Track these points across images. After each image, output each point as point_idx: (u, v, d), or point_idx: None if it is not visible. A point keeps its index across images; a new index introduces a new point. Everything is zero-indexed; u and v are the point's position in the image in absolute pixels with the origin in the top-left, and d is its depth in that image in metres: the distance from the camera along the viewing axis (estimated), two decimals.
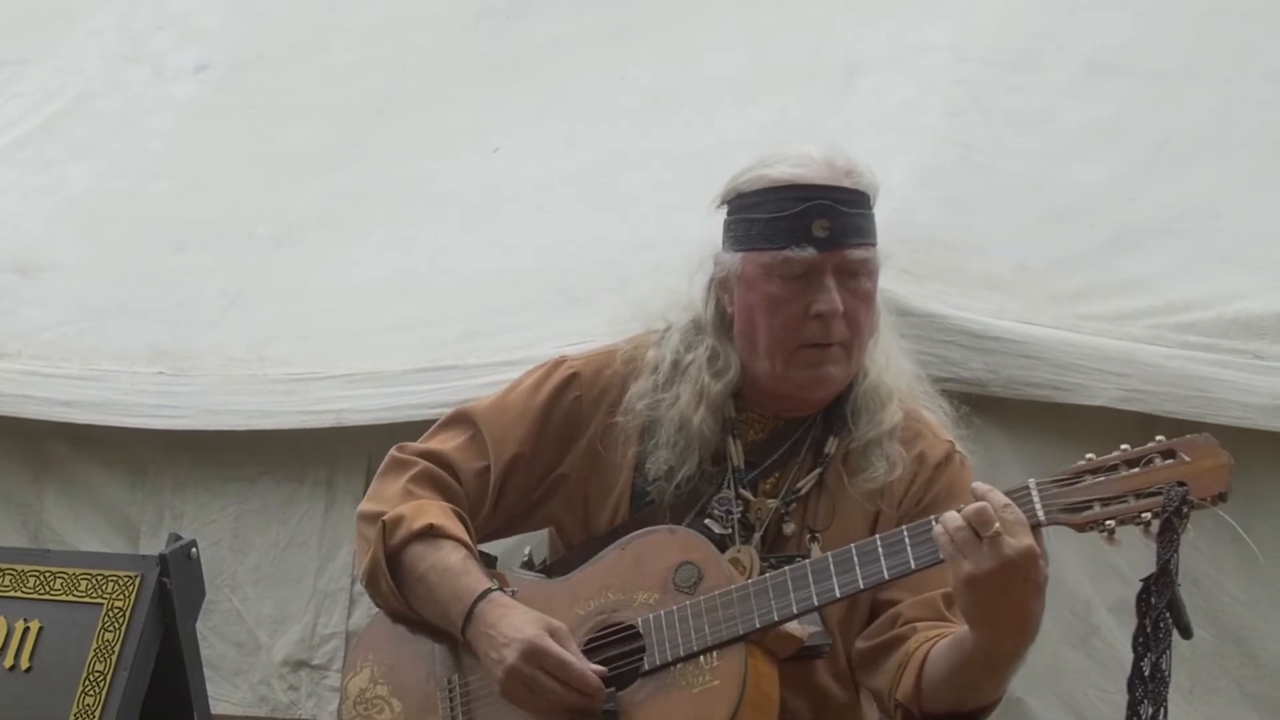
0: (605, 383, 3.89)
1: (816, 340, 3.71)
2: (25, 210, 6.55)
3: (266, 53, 6.97)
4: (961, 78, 5.66)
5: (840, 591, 3.55)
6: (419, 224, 6.01)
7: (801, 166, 3.73)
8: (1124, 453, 3.43)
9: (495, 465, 3.88)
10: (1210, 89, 5.62)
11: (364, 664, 3.91)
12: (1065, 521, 3.42)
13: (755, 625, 3.56)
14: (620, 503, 3.83)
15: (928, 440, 3.83)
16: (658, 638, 3.62)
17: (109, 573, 4.18)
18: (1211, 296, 4.94)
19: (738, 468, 3.79)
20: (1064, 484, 3.43)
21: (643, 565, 3.69)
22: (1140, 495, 3.39)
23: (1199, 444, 3.42)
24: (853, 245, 3.71)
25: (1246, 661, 4.78)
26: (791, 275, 3.70)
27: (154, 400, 5.62)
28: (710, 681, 3.57)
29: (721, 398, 3.78)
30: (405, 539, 3.79)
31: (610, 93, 6.17)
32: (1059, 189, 5.35)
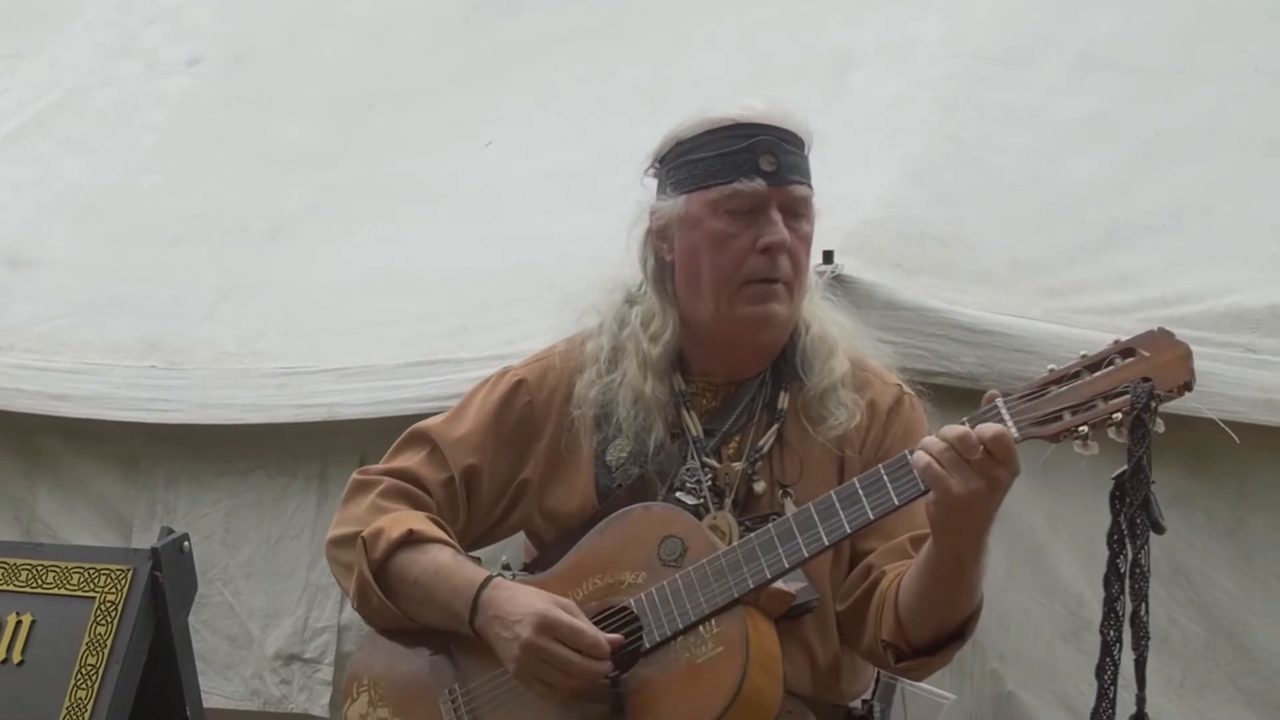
0: (552, 383, 3.92)
1: (763, 275, 3.75)
2: (17, 204, 6.55)
3: (259, 47, 6.97)
4: (953, 73, 5.66)
5: (828, 538, 3.57)
6: (411, 219, 6.01)
7: (744, 109, 3.79)
8: (1084, 359, 3.45)
9: (457, 476, 3.90)
10: (1202, 84, 5.62)
11: (359, 689, 3.91)
12: (1038, 434, 3.44)
13: (749, 586, 3.58)
14: (587, 497, 3.84)
15: (876, 387, 3.87)
16: (654, 615, 3.63)
17: (101, 566, 4.17)
18: (1204, 290, 4.94)
19: (698, 438, 3.81)
20: (1031, 397, 3.45)
21: (625, 546, 3.71)
22: (1108, 397, 3.40)
23: (1156, 338, 3.44)
24: (796, 182, 3.79)
25: (1239, 656, 4.78)
26: (739, 209, 3.75)
27: (146, 394, 5.62)
28: (714, 649, 3.58)
29: (663, 361, 3.81)
30: (388, 550, 3.80)
31: (602, 89, 6.17)
32: (1051, 184, 5.35)
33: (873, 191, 5.27)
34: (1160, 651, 4.79)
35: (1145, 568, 3.42)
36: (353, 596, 3.88)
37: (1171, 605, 4.81)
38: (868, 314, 4.81)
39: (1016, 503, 4.72)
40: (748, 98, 3.83)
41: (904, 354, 4.75)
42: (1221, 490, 4.82)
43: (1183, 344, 3.43)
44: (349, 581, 3.87)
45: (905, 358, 4.76)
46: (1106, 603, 3.45)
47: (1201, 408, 4.72)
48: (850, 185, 5.33)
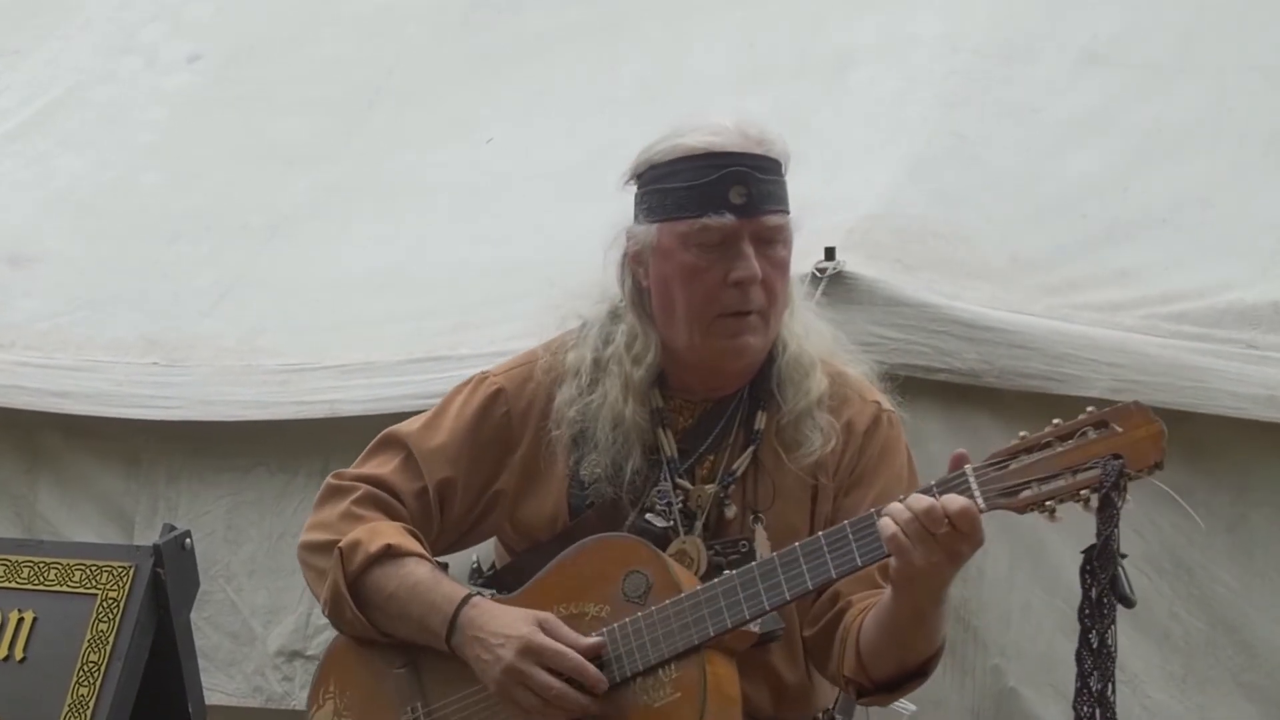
0: (530, 395, 3.88)
1: (735, 308, 3.71)
2: (18, 201, 6.54)
3: (259, 44, 6.97)
4: (953, 69, 5.66)
5: (789, 592, 3.55)
6: (411, 216, 6.01)
7: (716, 135, 3.73)
8: (1056, 428, 3.41)
9: (431, 487, 3.87)
10: (1202, 80, 5.62)
11: (326, 696, 3.89)
12: (1005, 506, 3.41)
13: (709, 634, 3.57)
14: (559, 512, 3.82)
15: (854, 405, 3.83)
16: (614, 652, 3.62)
17: (103, 563, 4.17)
18: (1204, 286, 4.94)
19: (672, 458, 3.79)
20: (999, 466, 3.42)
21: (589, 577, 3.69)
22: (1076, 471, 3.38)
23: (1130, 413, 3.40)
24: (769, 212, 3.72)
25: (1240, 651, 4.78)
26: (709, 243, 3.69)
27: (147, 391, 5.62)
28: (672, 694, 3.57)
29: (646, 384, 3.78)
30: (365, 563, 3.78)
31: (601, 86, 6.17)
32: (1051, 180, 5.35)
33: (873, 188, 5.28)
34: (1162, 647, 4.80)
35: (1112, 647, 3.42)
36: (325, 604, 3.86)
37: (1173, 600, 4.81)
38: (869, 310, 4.82)
39: None
40: (721, 119, 3.77)
41: (905, 350, 4.76)
42: (1222, 486, 4.82)
43: (1157, 422, 3.39)
44: (321, 588, 3.85)
45: (906, 354, 4.77)
46: (1079, 678, 3.44)
47: (1203, 404, 4.75)
48: (851, 182, 5.35)
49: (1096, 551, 3.38)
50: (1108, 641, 3.39)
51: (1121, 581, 3.39)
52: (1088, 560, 3.39)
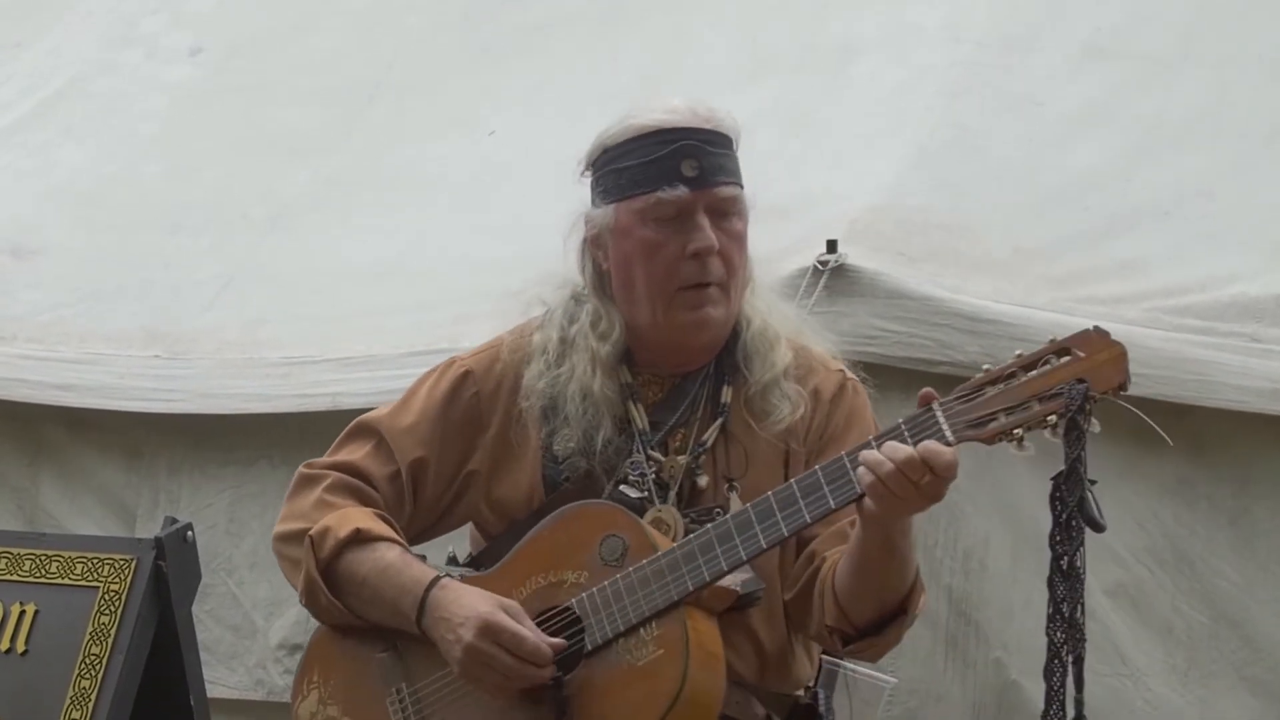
0: (499, 375, 3.90)
1: (695, 280, 3.74)
2: (19, 193, 6.54)
3: (259, 36, 6.96)
4: (956, 60, 5.66)
5: (766, 541, 3.57)
6: (412, 207, 6.01)
7: (667, 113, 3.78)
8: (1019, 359, 3.44)
9: (403, 468, 3.89)
10: (1205, 72, 5.61)
11: (310, 686, 3.89)
12: (973, 437, 3.43)
13: (689, 588, 3.58)
14: (534, 488, 3.83)
15: (819, 374, 3.86)
16: (595, 617, 3.63)
17: (105, 556, 4.16)
18: (1208, 279, 4.94)
19: (643, 430, 3.81)
20: (966, 399, 3.45)
21: (567, 545, 3.70)
22: (1042, 399, 3.39)
23: (1091, 338, 3.42)
24: (721, 183, 3.76)
25: (1243, 645, 4.79)
26: (665, 217, 3.74)
27: (149, 384, 5.62)
28: (655, 651, 3.58)
29: (613, 359, 3.81)
30: (336, 549, 3.79)
31: (602, 78, 6.16)
32: (1054, 171, 5.35)
33: (875, 180, 5.27)
34: (1165, 640, 4.80)
35: (1081, 570, 3.41)
36: (301, 594, 3.88)
37: (1176, 594, 4.81)
38: (871, 303, 4.82)
39: (1020, 492, 4.73)
40: (671, 99, 3.82)
41: (907, 343, 4.76)
42: (1225, 479, 4.82)
43: (1118, 344, 3.41)
44: (296, 578, 3.87)
45: (908, 347, 4.77)
46: (1051, 603, 3.43)
47: (1206, 397, 4.74)
48: (853, 173, 5.35)
49: (1064, 475, 3.38)
50: (1077, 564, 3.39)
51: (1090, 505, 3.40)
52: (1056, 487, 3.40)
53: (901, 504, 3.46)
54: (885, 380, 4.81)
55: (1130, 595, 4.82)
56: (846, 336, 4.82)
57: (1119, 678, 4.81)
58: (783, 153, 5.58)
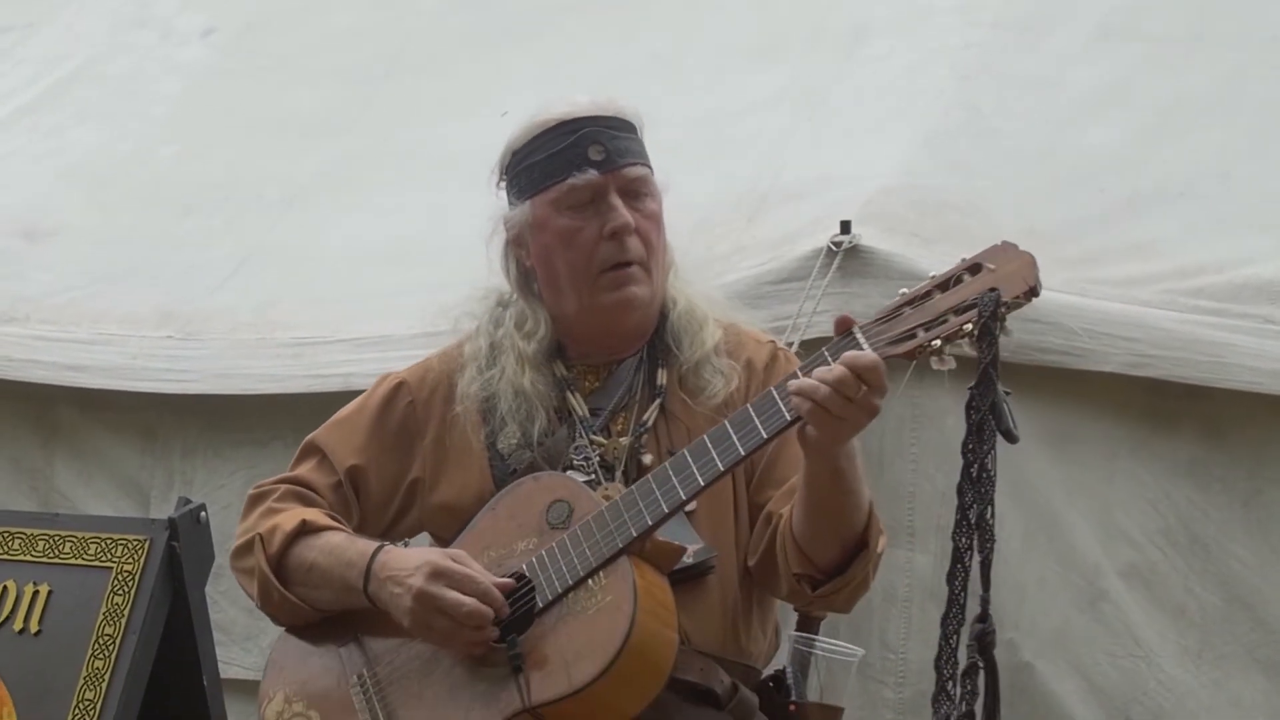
0: (433, 383, 3.98)
1: (615, 260, 3.82)
2: (33, 175, 6.54)
3: (273, 16, 6.96)
4: (969, 41, 5.65)
5: (702, 478, 3.61)
6: (425, 187, 6.00)
7: (568, 105, 3.87)
8: (933, 279, 3.54)
9: (342, 475, 3.95)
10: (1220, 52, 5.60)
11: (275, 689, 3.92)
12: (894, 353, 3.51)
13: (632, 534, 3.62)
14: (483, 481, 3.87)
15: (750, 347, 3.93)
16: (544, 576, 3.67)
17: (118, 537, 4.17)
18: (1222, 261, 4.93)
19: (584, 418, 3.86)
20: (885, 321, 3.54)
21: (515, 517, 3.75)
22: (958, 311, 3.48)
23: (1001, 250, 3.55)
24: (629, 164, 3.85)
25: (1256, 627, 4.78)
26: (579, 203, 3.82)
27: (163, 364, 5.62)
28: (604, 599, 3.61)
29: (540, 356, 3.87)
30: (285, 542, 3.85)
31: (616, 56, 6.15)
32: (1068, 152, 5.34)
33: (889, 161, 5.27)
34: (1177, 622, 4.80)
35: (991, 472, 3.47)
36: (256, 598, 3.93)
37: (1189, 575, 4.81)
38: (884, 284, 4.80)
39: (1033, 472, 4.73)
40: (572, 95, 3.91)
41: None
42: (1239, 461, 4.81)
43: (1026, 254, 3.52)
44: (252, 586, 3.93)
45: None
46: (959, 510, 3.48)
47: (1220, 379, 4.73)
48: (866, 154, 5.34)
49: (976, 380, 3.46)
50: (988, 467, 3.45)
51: (1004, 414, 3.46)
52: (972, 395, 3.47)
53: (841, 423, 3.49)
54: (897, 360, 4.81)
55: (1143, 577, 4.81)
56: (860, 317, 4.82)
57: (1132, 659, 4.80)
58: (796, 134, 5.58)
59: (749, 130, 5.67)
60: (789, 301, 4.86)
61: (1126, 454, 4.77)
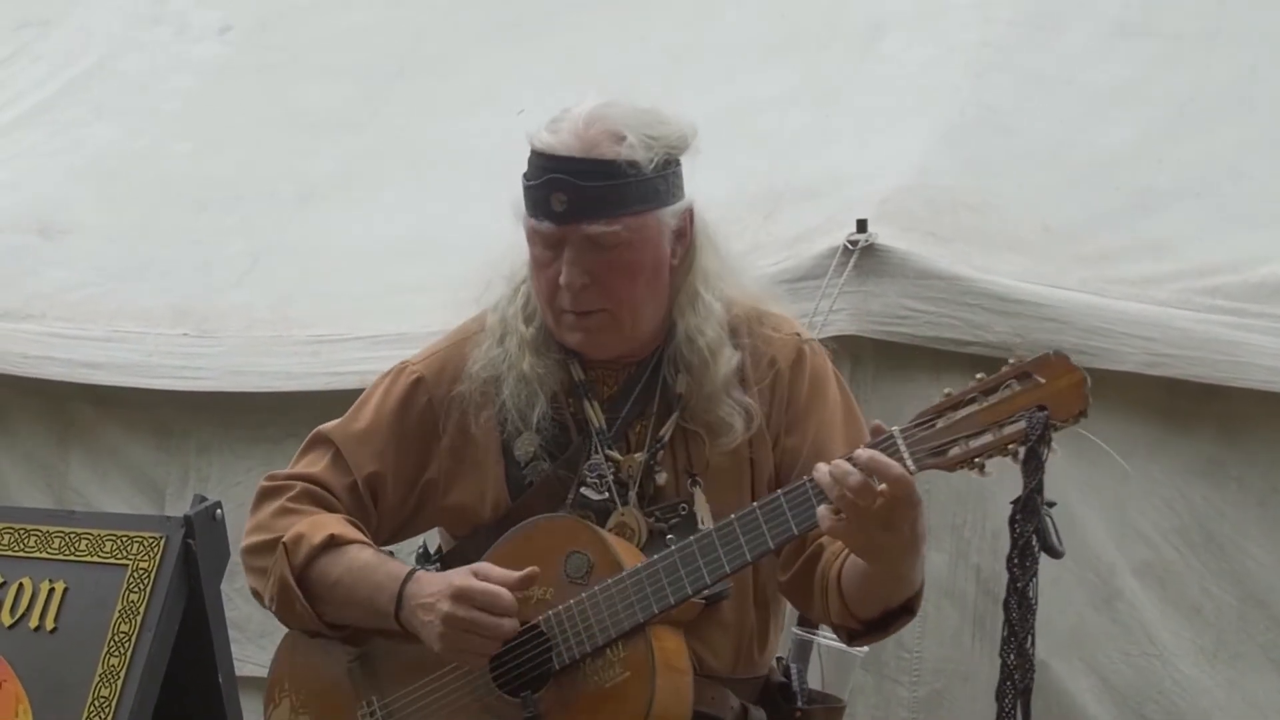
0: (451, 377, 3.86)
1: (565, 307, 3.69)
2: (47, 171, 6.54)
3: (287, 13, 6.96)
4: (985, 38, 5.65)
5: (730, 567, 3.56)
6: (440, 184, 6.00)
7: (555, 134, 3.68)
8: (980, 383, 3.41)
9: (360, 481, 3.87)
10: (1235, 49, 5.60)
11: (281, 695, 3.90)
12: (934, 465, 3.40)
13: (654, 611, 3.58)
14: (499, 489, 3.82)
15: (775, 344, 3.79)
16: (561, 635, 3.63)
17: (134, 534, 4.15)
18: (1238, 260, 4.92)
19: (600, 429, 3.77)
20: (925, 426, 3.41)
21: (531, 560, 3.67)
22: (1002, 425, 3.36)
23: (1052, 362, 3.38)
24: (591, 220, 3.63)
25: (1271, 626, 4.78)
26: (542, 244, 3.69)
27: (178, 361, 5.62)
28: (621, 674, 3.59)
29: (538, 339, 3.76)
30: (310, 555, 3.78)
31: (631, 52, 6.15)
32: (1083, 150, 5.33)
33: (905, 159, 5.26)
34: (1193, 621, 4.80)
35: (1033, 600, 3.41)
36: (271, 601, 3.86)
37: (1204, 575, 4.80)
38: (900, 283, 4.81)
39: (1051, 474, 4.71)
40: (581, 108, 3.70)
41: (936, 323, 4.76)
42: (1255, 460, 4.81)
43: (1078, 370, 3.37)
44: (264, 586, 3.86)
45: (938, 327, 4.77)
46: (1006, 625, 3.43)
47: (1236, 378, 4.73)
48: (882, 152, 5.34)
49: (1021, 504, 3.38)
50: (1029, 595, 3.40)
51: (1049, 533, 3.40)
52: (1015, 511, 3.39)
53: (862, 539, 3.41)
54: (914, 360, 4.82)
55: (1158, 576, 4.81)
56: (876, 316, 4.83)
57: (1147, 658, 4.80)
58: (811, 131, 5.58)
59: (764, 127, 5.66)
60: (805, 300, 4.85)
61: (1142, 453, 4.76)
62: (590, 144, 3.64)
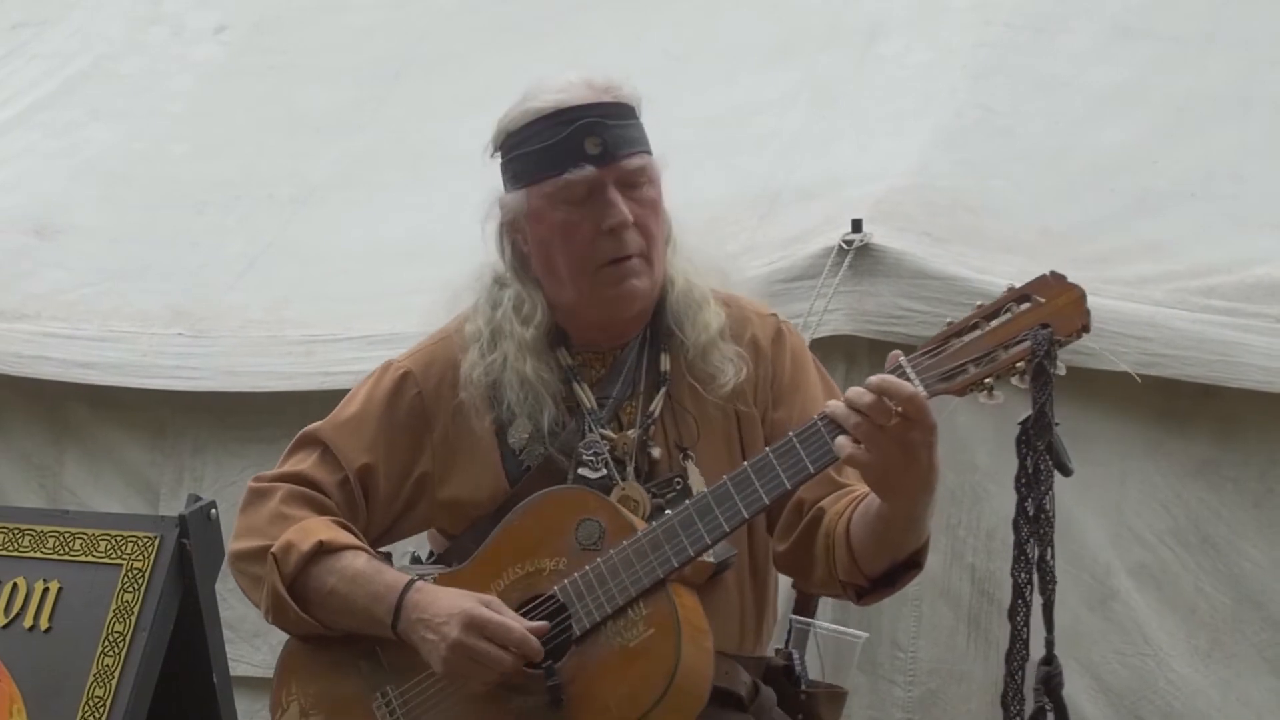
0: (439, 371, 3.87)
1: (614, 255, 3.73)
2: (45, 172, 6.54)
3: (285, 14, 6.96)
4: (983, 40, 5.65)
5: (746, 511, 3.56)
6: (438, 185, 6.00)
7: (562, 92, 3.75)
8: (980, 308, 3.46)
9: (351, 475, 3.86)
10: (1232, 51, 5.60)
11: (289, 699, 3.86)
12: (944, 390, 3.44)
13: (674, 565, 3.57)
14: (496, 478, 3.81)
15: (754, 323, 3.86)
16: (580, 602, 3.62)
17: (128, 534, 4.16)
18: (1234, 260, 4.92)
19: (592, 409, 3.79)
20: (933, 354, 3.46)
21: (541, 532, 3.68)
22: (1008, 346, 3.40)
23: (1049, 283, 3.43)
24: (627, 155, 3.73)
25: (1266, 626, 4.77)
26: (576, 198, 3.72)
27: (173, 362, 5.62)
28: (646, 631, 3.57)
29: (540, 342, 3.79)
30: (300, 564, 3.76)
31: (631, 55, 6.15)
32: (1080, 152, 5.33)
33: (902, 159, 5.27)
34: (1188, 621, 4.79)
35: (1050, 513, 3.43)
36: (266, 610, 3.84)
37: (1199, 575, 4.80)
38: (896, 283, 4.81)
39: None
40: (566, 75, 3.79)
41: (932, 323, 4.73)
42: (1250, 460, 4.81)
43: (1076, 286, 3.43)
44: (258, 594, 3.84)
45: (933, 327, 4.72)
46: (1016, 546, 3.44)
47: (1232, 378, 4.73)
48: (879, 153, 5.34)
49: (1032, 420, 3.39)
50: (1046, 507, 3.41)
51: (1058, 449, 3.41)
52: (1024, 431, 3.41)
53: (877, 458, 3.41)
54: None
55: (1154, 576, 4.81)
56: (871, 316, 4.83)
57: (1142, 658, 4.80)
58: (808, 132, 5.58)
59: (762, 128, 5.66)
60: (800, 300, 4.85)
61: (1138, 454, 4.76)
62: (604, 88, 3.75)
